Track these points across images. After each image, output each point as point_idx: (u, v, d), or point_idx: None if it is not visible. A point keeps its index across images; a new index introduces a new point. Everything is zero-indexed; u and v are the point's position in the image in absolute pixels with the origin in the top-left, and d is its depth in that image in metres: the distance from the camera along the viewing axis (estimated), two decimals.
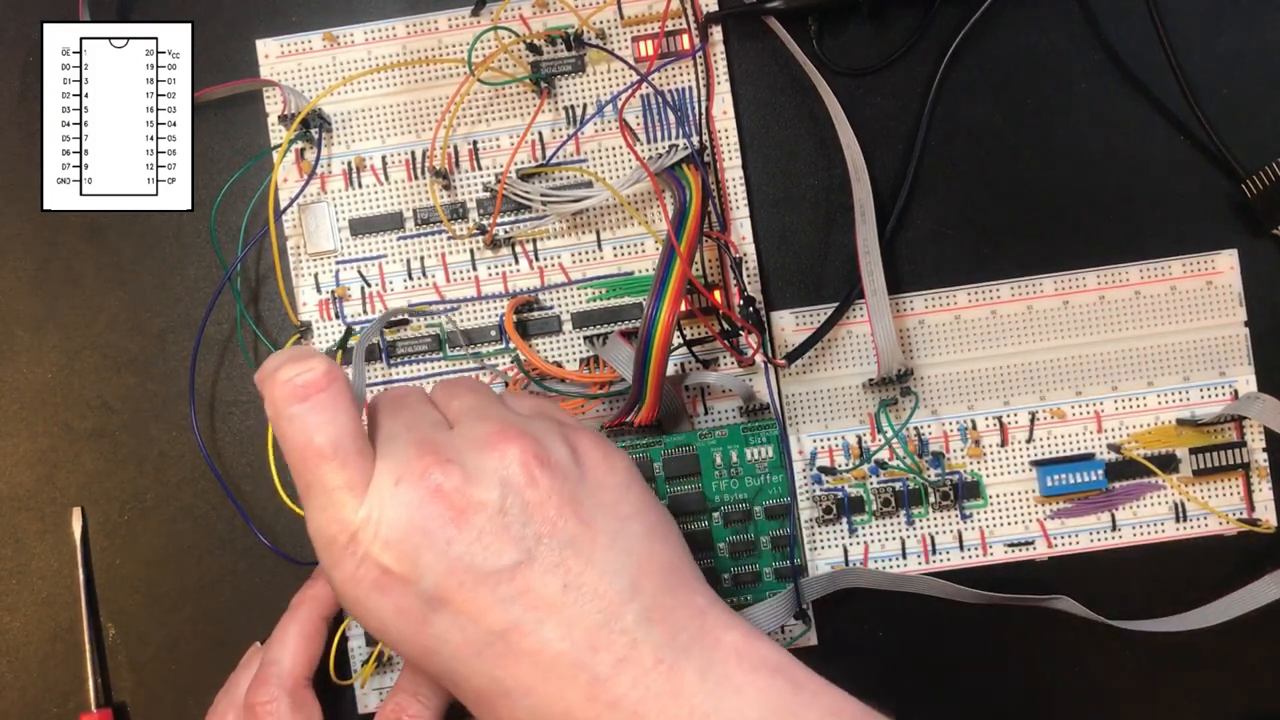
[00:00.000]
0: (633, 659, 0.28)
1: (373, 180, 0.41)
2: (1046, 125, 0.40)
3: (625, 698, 0.27)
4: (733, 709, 0.28)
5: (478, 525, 0.28)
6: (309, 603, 0.39)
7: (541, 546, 0.28)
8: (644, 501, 0.31)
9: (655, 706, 0.27)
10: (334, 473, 0.29)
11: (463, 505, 0.28)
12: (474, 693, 0.29)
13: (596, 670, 0.28)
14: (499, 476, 0.29)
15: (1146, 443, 0.40)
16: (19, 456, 0.42)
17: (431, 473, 0.28)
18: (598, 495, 0.30)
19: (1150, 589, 0.40)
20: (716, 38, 0.40)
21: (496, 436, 0.29)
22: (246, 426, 0.41)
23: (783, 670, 0.29)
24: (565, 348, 0.41)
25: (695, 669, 0.28)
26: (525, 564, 0.28)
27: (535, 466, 0.29)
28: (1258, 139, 0.40)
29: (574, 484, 0.30)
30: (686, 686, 0.28)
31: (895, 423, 0.40)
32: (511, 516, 0.28)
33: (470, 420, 0.31)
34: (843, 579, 0.40)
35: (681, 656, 0.28)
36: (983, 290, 0.40)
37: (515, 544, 0.28)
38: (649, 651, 0.28)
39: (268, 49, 0.41)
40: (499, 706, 0.29)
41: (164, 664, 0.41)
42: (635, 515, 0.30)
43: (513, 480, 0.29)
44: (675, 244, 0.36)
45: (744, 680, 0.28)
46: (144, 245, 0.42)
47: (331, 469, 0.29)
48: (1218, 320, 0.40)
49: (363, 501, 0.28)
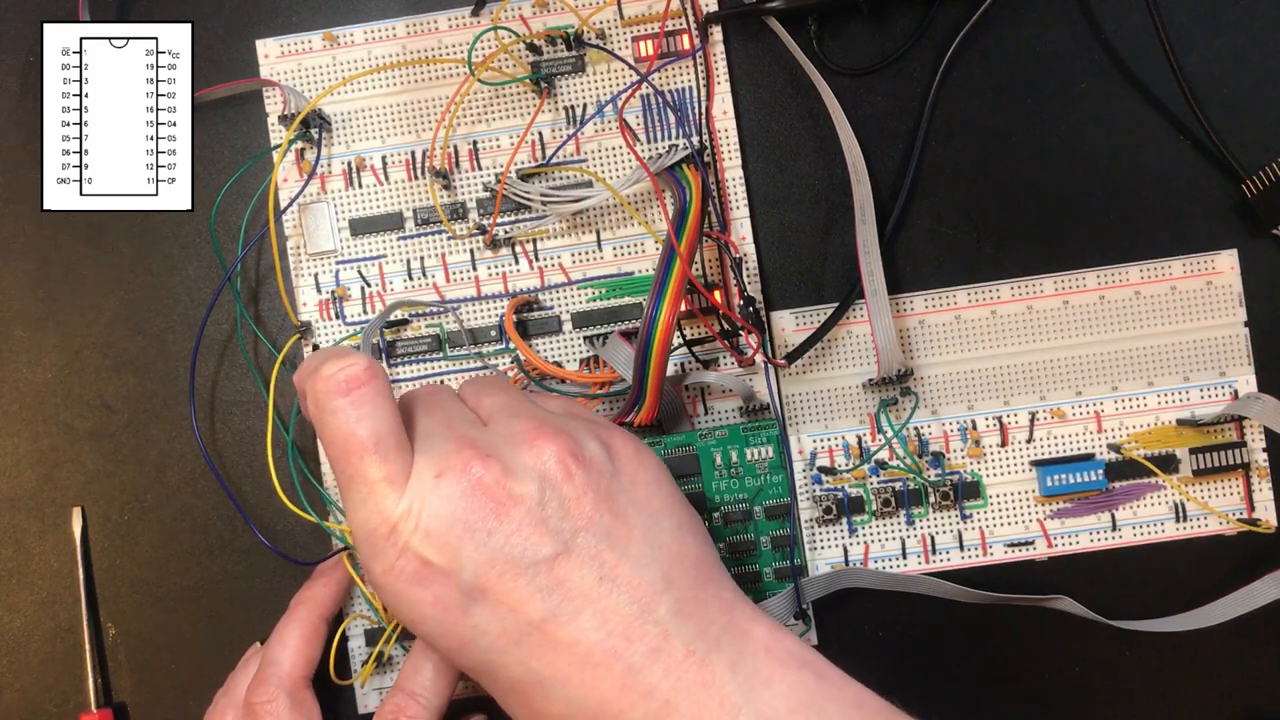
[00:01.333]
0: (665, 650, 0.28)
1: (373, 180, 0.41)
2: (1046, 125, 0.40)
3: (658, 688, 0.28)
4: (763, 701, 0.28)
5: (517, 518, 0.29)
6: (309, 603, 0.39)
7: (578, 539, 0.29)
8: (674, 498, 0.32)
9: (687, 697, 0.28)
10: (375, 465, 0.29)
11: (503, 498, 0.29)
12: (508, 683, 0.30)
13: (630, 660, 0.28)
14: (537, 471, 0.29)
15: (1146, 443, 0.40)
16: (19, 456, 0.42)
17: (472, 466, 0.29)
18: (631, 491, 0.31)
19: (1150, 589, 0.40)
20: (716, 38, 0.40)
21: (533, 433, 0.30)
22: (246, 426, 0.41)
23: (809, 663, 0.30)
24: (565, 348, 0.41)
25: (726, 661, 0.29)
26: (563, 556, 0.29)
27: (572, 462, 0.30)
28: (1258, 139, 0.40)
29: (608, 480, 0.30)
30: (717, 678, 0.28)
31: (895, 423, 0.40)
32: (550, 510, 0.29)
33: (504, 417, 0.31)
34: (843, 579, 0.40)
35: (713, 649, 0.29)
36: (983, 290, 0.40)
37: (553, 537, 0.29)
38: (680, 644, 0.29)
39: (268, 49, 0.41)
40: (533, 697, 0.29)
41: (164, 664, 0.41)
42: (666, 511, 0.31)
43: (550, 475, 0.29)
44: (675, 244, 0.36)
45: (772, 673, 0.29)
46: (144, 245, 0.42)
47: (373, 462, 0.29)
48: (1218, 320, 0.40)
49: (403, 494, 0.29)
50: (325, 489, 0.40)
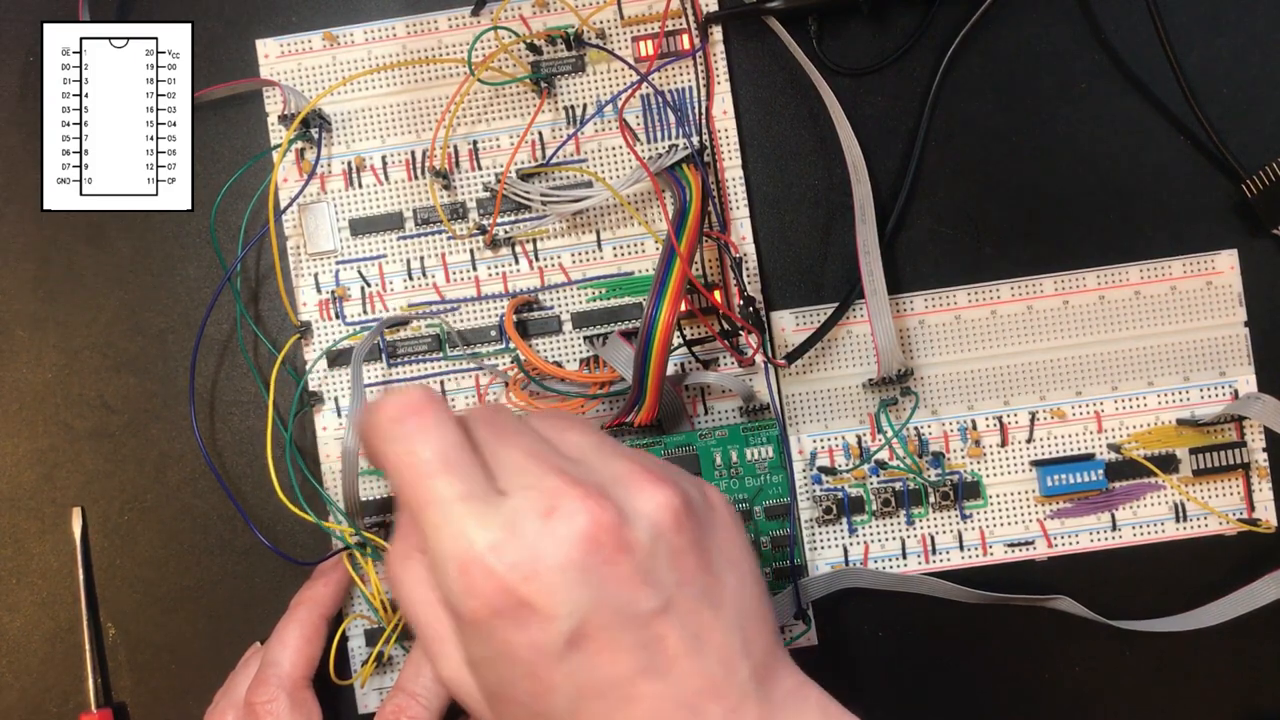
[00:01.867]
0: (741, 712, 0.28)
1: (373, 180, 0.41)
2: (1046, 125, 0.40)
3: None
4: None
5: (627, 566, 0.27)
6: (309, 603, 0.39)
7: (679, 595, 0.28)
8: (750, 555, 0.31)
9: None
10: (446, 484, 0.28)
11: (618, 544, 0.27)
12: None
13: None
14: (650, 520, 0.28)
15: (1146, 443, 0.40)
16: (19, 456, 0.42)
17: (589, 506, 0.27)
18: (724, 548, 0.30)
19: (1150, 589, 0.40)
20: (716, 38, 0.40)
21: (640, 476, 0.29)
22: (246, 426, 0.41)
23: None
24: (565, 348, 0.41)
25: None
26: (663, 610, 0.28)
27: (683, 513, 0.29)
28: (1258, 139, 0.40)
29: (707, 535, 0.29)
30: None
31: (895, 423, 0.40)
32: (658, 561, 0.28)
33: (602, 456, 0.30)
34: (843, 579, 0.40)
35: (778, 711, 0.29)
36: (983, 290, 0.40)
37: (657, 590, 0.28)
38: (754, 706, 0.28)
39: (268, 49, 0.41)
40: None
41: (164, 664, 0.41)
42: (750, 571, 0.31)
43: (662, 524, 0.28)
44: (675, 244, 0.36)
45: None
46: (144, 245, 0.42)
47: (443, 482, 0.28)
48: (1218, 320, 0.40)
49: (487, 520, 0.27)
50: (325, 489, 0.40)
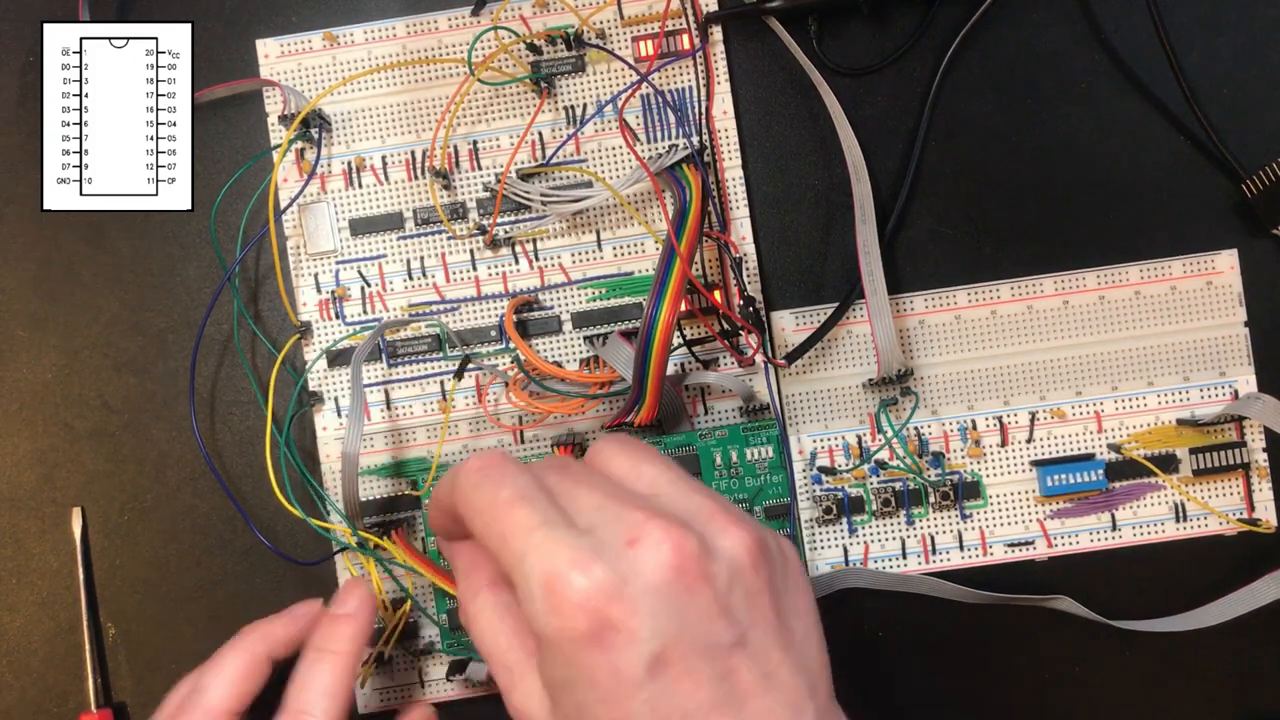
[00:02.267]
0: None
1: (373, 180, 0.41)
2: (1046, 125, 0.40)
3: None
4: None
5: (707, 597, 0.28)
6: (262, 637, 0.36)
7: (753, 633, 0.29)
8: (815, 606, 0.32)
9: None
10: (527, 515, 0.28)
11: (700, 574, 0.28)
12: None
13: None
14: (730, 556, 0.29)
15: (1146, 443, 0.40)
16: (19, 456, 0.42)
17: (673, 534, 0.28)
18: (794, 596, 0.30)
19: (1150, 589, 0.40)
20: (716, 38, 0.40)
21: (723, 518, 0.29)
22: (246, 426, 0.41)
23: None
24: (565, 348, 0.41)
25: None
26: (738, 647, 0.28)
27: (759, 556, 0.29)
28: (1258, 139, 0.40)
29: (779, 579, 0.30)
30: None
31: (895, 423, 0.40)
32: (735, 598, 0.29)
33: (680, 490, 0.30)
34: (843, 579, 0.40)
35: None
36: (983, 290, 0.40)
37: (733, 625, 0.28)
38: None
39: (268, 49, 0.41)
40: None
41: (164, 664, 0.41)
42: (814, 621, 0.31)
43: (739, 563, 0.29)
44: (675, 244, 0.36)
45: None
46: (144, 245, 0.42)
47: (524, 512, 0.28)
48: (1218, 320, 0.40)
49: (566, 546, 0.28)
50: (325, 489, 0.40)
